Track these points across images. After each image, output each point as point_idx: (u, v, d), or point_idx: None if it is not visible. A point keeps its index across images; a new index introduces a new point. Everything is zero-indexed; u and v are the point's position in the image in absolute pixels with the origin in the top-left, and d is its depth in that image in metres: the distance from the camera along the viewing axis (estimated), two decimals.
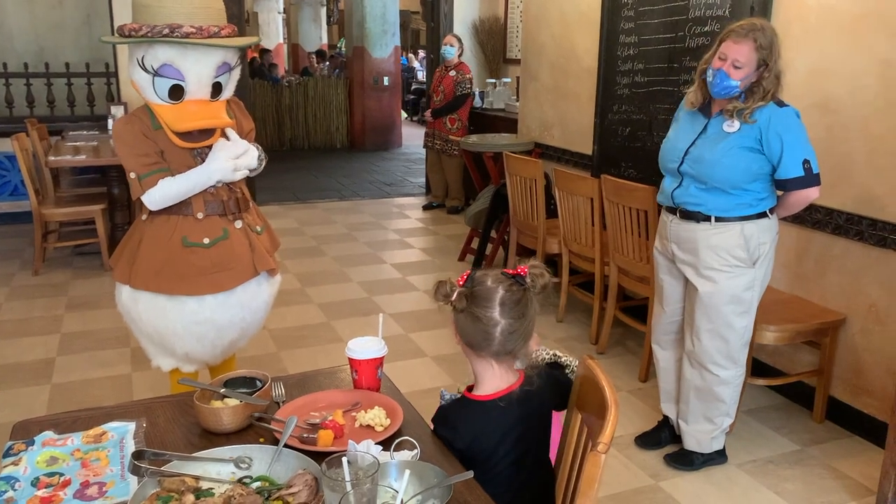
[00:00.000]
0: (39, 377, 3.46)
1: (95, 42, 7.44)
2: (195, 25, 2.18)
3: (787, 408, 3.28)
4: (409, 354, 3.80)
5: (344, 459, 1.13)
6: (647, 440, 2.98)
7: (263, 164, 2.51)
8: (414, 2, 17.09)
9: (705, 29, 3.65)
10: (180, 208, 2.37)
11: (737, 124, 2.47)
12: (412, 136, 11.83)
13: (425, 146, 7.16)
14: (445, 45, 6.68)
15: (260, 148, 2.49)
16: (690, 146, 2.59)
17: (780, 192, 2.59)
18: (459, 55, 6.66)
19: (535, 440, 1.56)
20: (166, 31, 2.15)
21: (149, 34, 2.14)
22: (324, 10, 15.16)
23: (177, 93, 2.24)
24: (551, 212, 4.34)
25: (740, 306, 2.63)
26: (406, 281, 5.00)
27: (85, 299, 4.49)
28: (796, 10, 3.16)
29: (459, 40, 6.72)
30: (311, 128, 10.99)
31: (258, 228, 2.53)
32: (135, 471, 1.27)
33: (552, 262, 4.47)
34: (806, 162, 2.44)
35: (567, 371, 1.71)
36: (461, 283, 1.49)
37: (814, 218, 3.10)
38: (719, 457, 2.84)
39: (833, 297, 3.10)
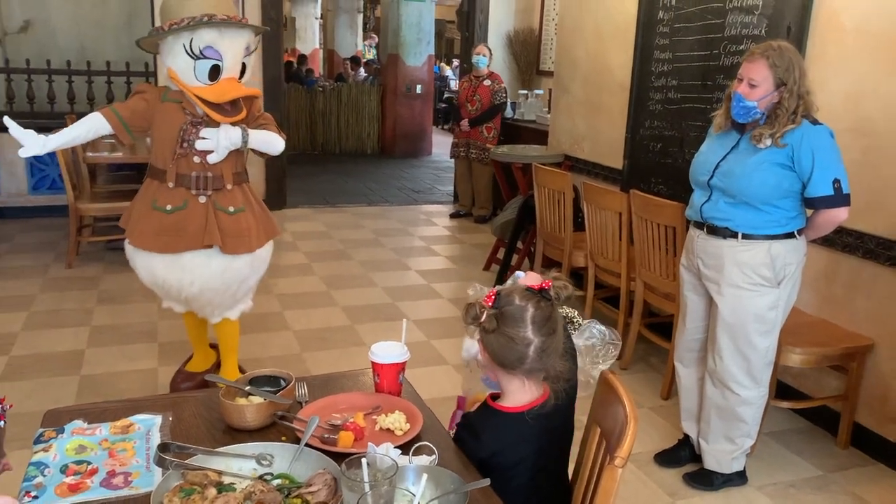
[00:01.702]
0: (69, 368, 3.54)
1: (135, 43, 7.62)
2: (226, 15, 2.66)
3: (810, 432, 3.24)
4: (431, 361, 3.82)
5: (363, 461, 1.15)
6: (666, 458, 2.97)
7: (248, 141, 2.78)
8: (450, 11, 17.19)
9: (740, 48, 3.64)
10: (159, 175, 2.80)
11: (768, 141, 2.46)
12: (442, 144, 11.86)
13: (454, 156, 7.17)
14: (478, 54, 6.71)
15: (246, 130, 2.78)
16: (721, 160, 2.59)
17: (809, 212, 2.57)
18: (489, 65, 6.71)
19: (555, 454, 1.57)
20: (206, 18, 2.60)
21: (191, 23, 2.58)
22: (360, 17, 15.30)
23: (214, 73, 2.68)
24: (578, 225, 4.34)
25: (763, 325, 2.62)
26: (430, 288, 5.02)
27: (115, 293, 4.58)
28: (833, 33, 3.14)
29: (490, 50, 6.77)
30: (343, 133, 11.08)
31: (230, 209, 2.83)
32: (160, 463, 1.30)
33: (577, 275, 4.47)
34: (836, 181, 2.42)
35: (569, 324, 1.71)
36: (489, 303, 1.48)
37: (844, 241, 3.07)
38: (739, 478, 2.81)
39: (861, 322, 3.06)
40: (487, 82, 6.68)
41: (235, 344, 3.21)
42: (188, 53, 2.65)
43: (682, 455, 2.96)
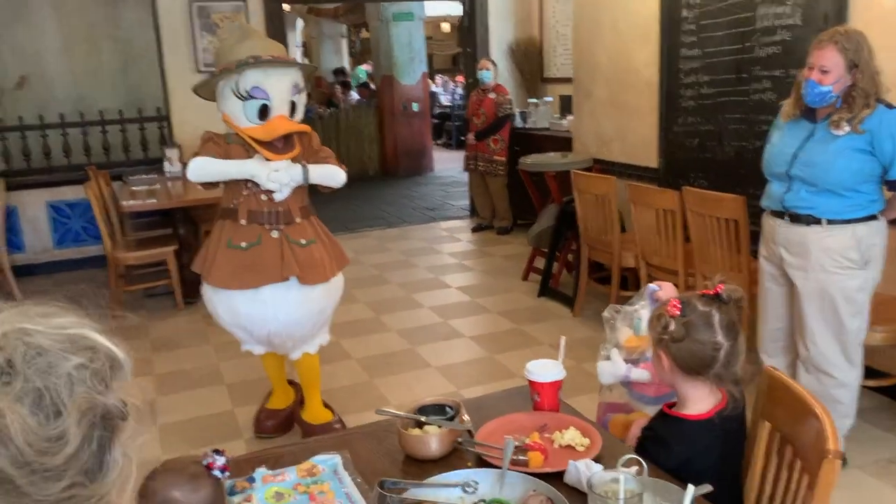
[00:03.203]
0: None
1: (132, 87, 7.60)
2: (271, 55, 2.72)
3: (893, 408, 3.28)
4: (498, 376, 3.83)
5: (621, 477, 1.17)
6: None
7: (308, 177, 2.84)
8: (428, 28, 17.31)
9: (775, 38, 3.71)
10: (230, 214, 2.85)
11: (847, 127, 2.51)
12: (442, 160, 11.92)
13: (467, 169, 7.20)
14: (482, 69, 6.78)
15: (306, 166, 2.84)
16: (799, 150, 2.63)
17: (889, 194, 2.62)
18: (495, 77, 6.79)
19: (737, 459, 1.59)
20: (251, 60, 2.67)
21: (237, 66, 2.67)
22: (345, 42, 15.37)
23: (264, 113, 2.74)
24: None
25: (853, 307, 2.66)
26: (476, 303, 5.04)
27: (167, 340, 4.56)
28: (874, 15, 3.21)
29: (494, 63, 6.84)
30: (343, 157, 10.97)
31: (303, 241, 2.86)
32: (381, 500, 1.31)
33: (624, 278, 4.52)
34: None
35: None
36: (678, 312, 1.51)
37: None
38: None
39: None
40: (492, 95, 6.74)
41: (317, 378, 3.23)
42: (236, 95, 2.73)
43: None
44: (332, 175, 2.93)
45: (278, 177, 2.76)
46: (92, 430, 0.55)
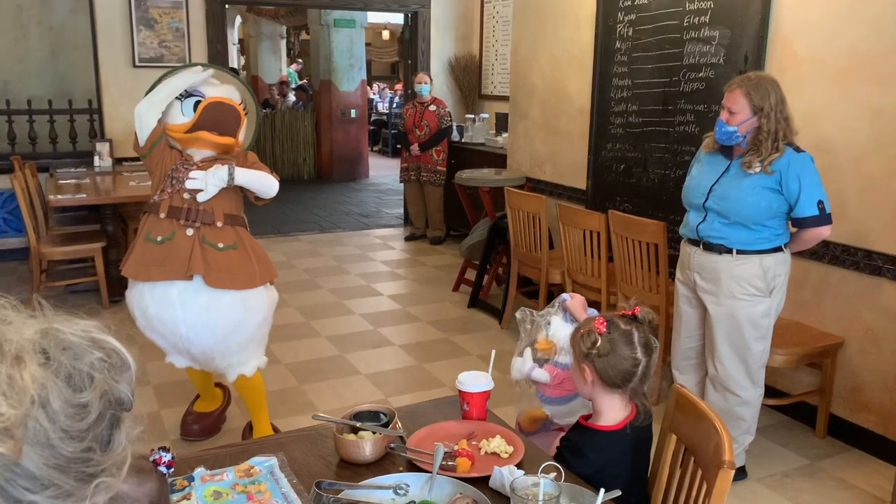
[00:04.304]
0: None
1: (62, 77, 7.43)
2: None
3: (789, 425, 3.54)
4: (428, 384, 3.93)
5: (541, 482, 1.28)
6: None
7: (234, 176, 2.83)
8: (368, 34, 17.37)
9: (700, 75, 3.95)
10: (154, 208, 2.84)
11: (758, 167, 2.73)
12: (378, 167, 11.99)
13: (404, 180, 7.29)
14: (420, 83, 6.93)
15: (233, 166, 2.84)
16: (714, 184, 2.84)
17: (794, 230, 2.86)
18: (431, 91, 7.00)
19: (644, 466, 1.74)
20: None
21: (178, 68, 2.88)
22: (283, 43, 15.28)
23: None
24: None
25: (758, 331, 2.88)
26: (407, 312, 5.14)
27: None
28: (788, 61, 3.48)
29: (431, 78, 7.06)
30: (279, 159, 11.06)
31: (220, 245, 2.82)
32: (317, 499, 1.40)
33: (550, 293, 4.69)
34: (820, 202, 2.71)
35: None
36: (604, 330, 1.65)
37: (812, 250, 3.37)
38: (741, 473, 3.06)
39: (830, 322, 3.38)
40: (433, 107, 6.90)
41: (261, 400, 3.13)
42: (176, 97, 2.80)
43: None
44: (262, 180, 2.89)
45: (193, 184, 2.77)
46: (106, 409, 0.68)
